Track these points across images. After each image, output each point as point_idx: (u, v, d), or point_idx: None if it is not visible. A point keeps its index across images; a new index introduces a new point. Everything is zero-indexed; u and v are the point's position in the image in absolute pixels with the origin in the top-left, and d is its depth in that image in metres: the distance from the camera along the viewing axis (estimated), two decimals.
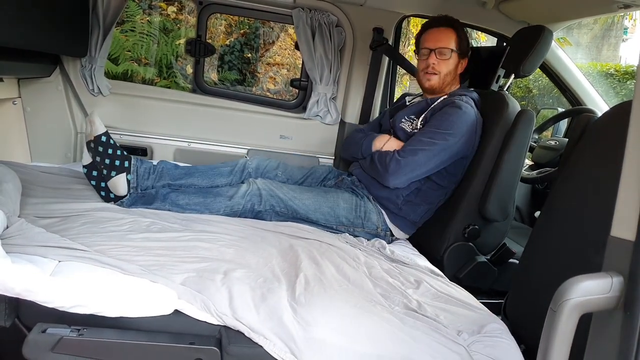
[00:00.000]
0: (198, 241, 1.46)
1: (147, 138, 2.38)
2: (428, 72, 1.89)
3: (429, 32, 1.90)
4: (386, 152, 1.79)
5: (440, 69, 1.87)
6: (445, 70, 1.87)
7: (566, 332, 0.64)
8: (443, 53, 1.86)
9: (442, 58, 1.87)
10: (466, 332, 1.23)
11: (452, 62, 1.88)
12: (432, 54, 1.87)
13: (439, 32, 1.87)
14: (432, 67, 1.87)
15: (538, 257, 1.43)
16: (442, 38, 1.87)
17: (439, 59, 1.87)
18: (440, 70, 1.87)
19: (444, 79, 1.89)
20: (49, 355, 1.02)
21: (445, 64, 1.87)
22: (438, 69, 1.87)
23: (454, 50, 1.86)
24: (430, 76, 1.89)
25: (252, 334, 1.08)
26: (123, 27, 4.96)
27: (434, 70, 1.88)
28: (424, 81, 1.92)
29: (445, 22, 1.88)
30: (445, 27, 1.88)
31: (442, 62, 1.87)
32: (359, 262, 1.52)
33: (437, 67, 1.87)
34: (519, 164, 1.84)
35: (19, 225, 1.31)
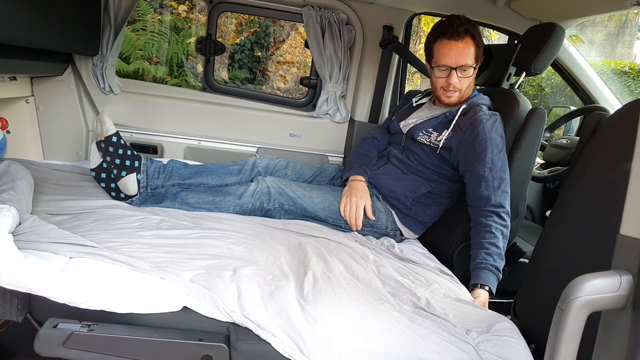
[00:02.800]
0: (207, 238, 1.47)
1: (158, 136, 2.40)
2: (449, 90, 1.79)
3: (446, 45, 1.74)
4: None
5: (462, 86, 1.79)
6: (466, 84, 1.80)
7: (574, 330, 0.63)
8: (464, 70, 1.76)
9: (464, 75, 1.77)
10: (475, 331, 1.23)
11: (472, 75, 1.80)
12: (453, 72, 1.75)
13: (457, 45, 1.73)
14: (453, 86, 1.78)
15: (548, 256, 1.41)
16: (462, 54, 1.74)
17: (460, 77, 1.76)
18: (462, 87, 1.79)
19: (464, 93, 1.81)
20: (60, 350, 1.03)
21: (466, 80, 1.79)
22: (459, 87, 1.78)
23: (475, 65, 1.78)
24: (451, 94, 1.80)
25: (260, 331, 1.09)
26: (134, 26, 5.00)
27: (455, 89, 1.79)
28: (444, 98, 1.83)
29: (463, 32, 1.73)
30: (463, 38, 1.73)
31: (464, 80, 1.78)
32: (368, 260, 1.52)
33: (459, 85, 1.78)
34: (529, 163, 1.82)
35: (32, 222, 1.32)
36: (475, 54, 1.76)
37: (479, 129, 1.69)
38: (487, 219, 1.65)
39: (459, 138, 1.74)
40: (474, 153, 1.70)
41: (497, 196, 1.66)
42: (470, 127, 1.72)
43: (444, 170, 1.80)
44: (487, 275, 1.57)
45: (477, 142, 1.69)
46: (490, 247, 1.61)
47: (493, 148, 1.68)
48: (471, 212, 1.72)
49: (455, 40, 1.73)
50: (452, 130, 1.77)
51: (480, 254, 1.60)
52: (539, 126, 1.77)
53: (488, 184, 1.67)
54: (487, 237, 1.63)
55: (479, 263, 1.59)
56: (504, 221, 1.65)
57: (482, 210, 1.68)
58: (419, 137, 1.84)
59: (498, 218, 1.65)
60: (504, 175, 1.68)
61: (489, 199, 1.66)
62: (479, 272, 1.58)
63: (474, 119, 1.72)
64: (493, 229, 1.63)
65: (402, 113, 2.02)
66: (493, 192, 1.66)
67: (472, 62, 1.76)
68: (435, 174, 1.81)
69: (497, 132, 1.71)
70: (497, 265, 1.58)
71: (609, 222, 0.65)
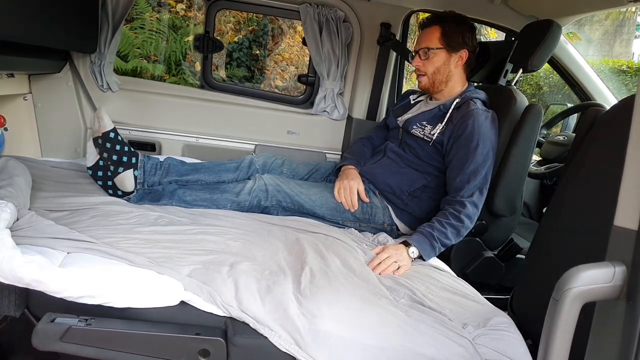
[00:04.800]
0: (205, 234, 1.47)
1: (156, 133, 2.39)
2: (418, 73, 1.90)
3: (419, 34, 1.91)
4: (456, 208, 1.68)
5: (426, 69, 1.85)
6: (432, 69, 1.85)
7: (568, 321, 0.64)
8: (425, 53, 1.84)
9: (425, 58, 1.85)
10: (471, 325, 1.23)
11: (439, 60, 1.84)
12: (417, 56, 1.87)
13: (424, 33, 1.87)
14: (418, 69, 1.88)
15: (544, 252, 1.42)
16: (425, 38, 1.85)
17: (422, 59, 1.85)
18: (427, 71, 1.86)
19: (433, 77, 1.86)
20: (58, 345, 1.03)
21: (430, 63, 1.84)
22: (424, 69, 1.86)
23: (440, 48, 1.83)
24: (420, 78, 1.89)
25: (257, 325, 1.09)
26: (132, 24, 4.99)
27: (420, 71, 1.88)
28: (418, 83, 1.93)
29: (430, 20, 1.86)
30: (429, 26, 1.85)
31: (427, 62, 1.85)
32: (365, 255, 1.53)
33: (423, 68, 1.86)
34: (526, 159, 1.83)
35: (29, 217, 1.33)
36: (441, 39, 1.82)
37: (469, 122, 1.71)
38: (449, 205, 1.70)
39: (450, 130, 1.76)
40: (459, 145, 1.73)
41: (468, 189, 1.69)
42: (461, 119, 1.74)
43: (438, 163, 1.81)
44: (417, 235, 1.63)
45: (464, 135, 1.71)
46: (434, 222, 1.66)
47: (479, 142, 1.69)
48: (442, 200, 1.76)
49: (422, 29, 1.88)
50: (445, 124, 1.78)
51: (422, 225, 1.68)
52: (536, 122, 1.78)
53: (464, 177, 1.70)
54: (438, 215, 1.70)
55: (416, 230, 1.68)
56: (465, 209, 1.66)
57: (449, 198, 1.72)
58: (413, 130, 1.86)
59: (459, 206, 1.67)
60: (482, 171, 1.70)
61: (459, 189, 1.70)
62: (412, 234, 1.66)
63: (466, 113, 1.74)
64: (447, 213, 1.67)
65: (400, 110, 2.03)
66: (466, 184, 1.69)
67: (436, 45, 1.82)
68: (430, 166, 1.83)
69: (486, 128, 1.72)
70: (430, 231, 1.63)
71: (605, 217, 0.66)
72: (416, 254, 1.58)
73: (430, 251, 1.62)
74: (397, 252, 1.53)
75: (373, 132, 2.15)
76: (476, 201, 1.69)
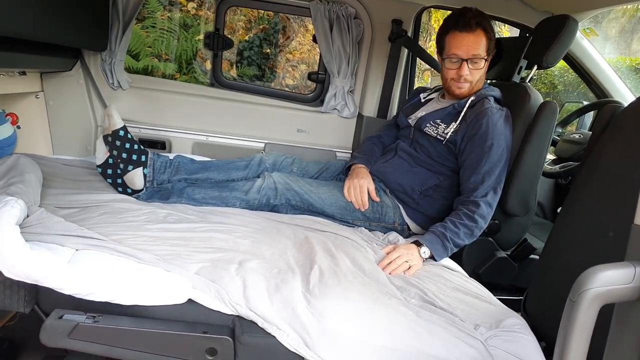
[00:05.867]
0: (214, 232, 1.46)
1: (166, 132, 2.40)
2: (459, 81, 1.77)
3: (457, 36, 1.73)
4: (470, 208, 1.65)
5: (473, 77, 1.76)
6: (478, 77, 1.77)
7: (585, 323, 0.61)
8: (475, 62, 1.73)
9: (475, 67, 1.74)
10: (483, 326, 1.21)
11: (484, 68, 1.78)
12: (464, 64, 1.73)
13: (468, 37, 1.71)
14: (464, 78, 1.75)
15: (559, 252, 1.39)
16: (473, 45, 1.71)
17: (471, 68, 1.74)
18: (473, 79, 1.77)
19: (475, 85, 1.79)
20: (66, 341, 1.03)
21: (477, 72, 1.76)
22: (470, 78, 1.76)
23: (486, 57, 1.75)
24: (461, 85, 1.78)
25: (265, 324, 1.08)
26: (144, 23, 5.02)
27: (466, 81, 1.76)
28: (454, 89, 1.81)
29: (474, 25, 1.71)
30: (475, 30, 1.71)
31: (475, 71, 1.75)
32: (376, 254, 1.51)
33: (470, 77, 1.75)
34: (540, 157, 1.79)
35: (39, 214, 1.33)
36: (486, 46, 1.74)
37: (483, 121, 1.68)
38: (462, 205, 1.67)
39: (464, 129, 1.73)
40: (473, 145, 1.69)
41: (482, 189, 1.66)
42: (475, 118, 1.70)
43: (451, 163, 1.78)
44: (429, 235, 1.61)
45: (478, 134, 1.68)
46: (447, 222, 1.64)
47: (493, 142, 1.66)
48: (455, 200, 1.73)
49: (467, 32, 1.72)
50: (459, 123, 1.75)
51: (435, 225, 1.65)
52: (551, 120, 1.74)
53: (478, 177, 1.67)
54: (451, 216, 1.67)
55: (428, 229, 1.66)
56: (479, 209, 1.64)
57: (462, 198, 1.69)
58: (426, 129, 1.82)
59: (473, 206, 1.65)
60: (496, 170, 1.67)
61: (473, 189, 1.67)
62: (424, 234, 1.63)
63: (480, 111, 1.70)
64: (461, 213, 1.65)
65: (410, 108, 2.00)
66: (480, 184, 1.66)
67: (484, 54, 1.74)
68: (442, 166, 1.79)
69: (501, 127, 1.69)
70: (443, 231, 1.61)
71: (622, 217, 0.63)
72: (428, 254, 1.56)
73: (442, 251, 1.59)
74: (408, 251, 1.51)
75: (383, 131, 2.12)
76: (490, 201, 1.66)
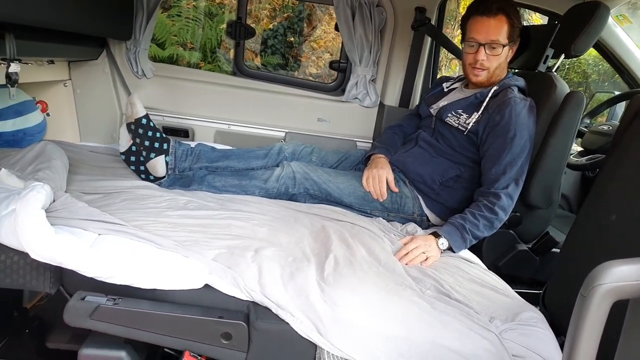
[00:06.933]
0: (232, 219, 1.48)
1: (189, 120, 2.43)
2: (476, 67, 1.73)
3: (477, 21, 1.70)
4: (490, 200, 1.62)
5: (490, 64, 1.72)
6: (496, 64, 1.72)
7: (596, 319, 0.60)
8: (494, 47, 1.69)
9: (493, 53, 1.70)
10: (499, 319, 1.20)
11: (503, 55, 1.72)
12: (482, 48, 1.69)
13: (488, 21, 1.67)
14: (480, 63, 1.71)
15: (580, 245, 1.36)
16: (493, 30, 1.67)
17: (488, 54, 1.70)
18: (490, 66, 1.72)
19: (493, 72, 1.74)
20: (87, 322, 1.07)
21: (495, 59, 1.71)
22: (488, 64, 1.71)
23: (506, 44, 1.70)
24: (478, 72, 1.74)
25: (279, 310, 1.10)
26: (170, 12, 5.07)
27: (482, 67, 1.72)
28: (471, 76, 1.78)
29: (496, 9, 1.67)
30: (496, 15, 1.67)
31: (493, 58, 1.70)
32: (393, 245, 1.51)
33: (487, 63, 1.71)
34: (565, 150, 1.75)
35: (64, 199, 1.37)
36: (508, 32, 1.69)
37: (506, 111, 1.64)
38: (483, 196, 1.65)
39: (486, 119, 1.70)
40: (495, 135, 1.66)
41: (503, 180, 1.63)
42: (497, 108, 1.67)
43: (472, 154, 1.76)
44: (448, 226, 1.59)
45: (500, 124, 1.65)
46: (467, 213, 1.62)
47: (516, 132, 1.63)
48: (475, 192, 1.70)
49: (487, 16, 1.68)
50: (481, 113, 1.72)
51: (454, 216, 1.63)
52: (577, 111, 1.69)
53: (500, 168, 1.64)
54: (471, 207, 1.65)
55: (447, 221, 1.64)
56: (500, 201, 1.61)
57: (483, 189, 1.67)
58: (448, 119, 1.79)
59: (493, 197, 1.62)
60: (519, 162, 1.64)
61: (494, 181, 1.64)
62: (443, 225, 1.62)
63: (503, 101, 1.67)
64: (481, 204, 1.62)
65: (432, 98, 1.97)
66: (502, 176, 1.63)
67: (504, 41, 1.70)
68: (463, 157, 1.77)
69: (524, 117, 1.65)
70: (462, 223, 1.59)
71: None
72: (446, 246, 1.55)
73: (461, 243, 1.57)
74: (426, 242, 1.50)
75: (404, 120, 2.10)
76: (511, 193, 1.63)
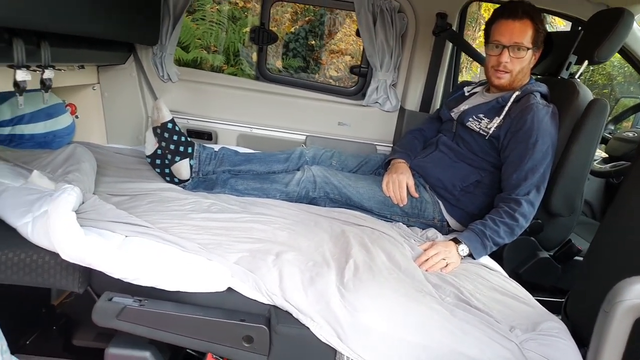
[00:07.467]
0: (254, 223, 1.51)
1: (212, 123, 2.47)
2: (499, 69, 1.73)
3: (502, 24, 1.70)
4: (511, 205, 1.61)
5: (514, 67, 1.72)
6: (519, 67, 1.72)
7: (619, 335, 0.61)
8: (517, 50, 1.69)
9: (517, 56, 1.69)
10: (519, 328, 1.19)
11: (527, 59, 1.72)
12: (505, 50, 1.69)
13: (513, 24, 1.68)
14: (504, 66, 1.71)
15: (604, 254, 1.34)
16: (517, 33, 1.67)
17: (512, 56, 1.69)
18: (513, 69, 1.72)
19: (516, 76, 1.74)
20: (114, 322, 1.11)
21: (519, 62, 1.71)
22: (511, 67, 1.71)
23: (530, 48, 1.70)
24: (501, 74, 1.74)
25: (299, 315, 1.12)
26: (194, 15, 5.15)
27: (505, 69, 1.72)
28: (494, 79, 1.77)
29: (522, 13, 1.67)
30: (521, 19, 1.67)
31: (516, 61, 1.70)
32: (413, 251, 1.51)
33: (510, 66, 1.71)
34: (588, 157, 1.73)
35: (93, 201, 1.42)
36: (532, 37, 1.69)
37: (528, 116, 1.63)
38: (504, 202, 1.64)
39: (508, 125, 1.69)
40: (517, 140, 1.65)
41: (525, 187, 1.62)
42: (519, 114, 1.66)
43: (493, 159, 1.75)
44: (468, 232, 1.59)
45: (522, 130, 1.64)
46: (487, 220, 1.61)
47: (538, 138, 1.61)
48: (496, 198, 1.69)
49: (512, 19, 1.69)
50: (503, 118, 1.71)
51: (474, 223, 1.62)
52: (600, 118, 1.67)
53: (521, 174, 1.62)
54: (491, 213, 1.64)
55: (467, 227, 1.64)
56: (521, 207, 1.59)
57: (504, 195, 1.66)
58: (469, 123, 1.79)
59: (514, 204, 1.60)
60: (540, 168, 1.62)
61: (515, 187, 1.63)
62: (463, 232, 1.62)
63: (525, 107, 1.66)
64: (502, 211, 1.61)
65: (453, 102, 1.97)
66: (523, 182, 1.62)
67: (528, 44, 1.69)
68: (484, 162, 1.76)
69: (546, 124, 1.64)
70: (482, 229, 1.58)
71: None
72: (466, 252, 1.55)
73: (482, 250, 1.57)
74: (446, 249, 1.50)
75: (425, 124, 2.10)
76: (532, 199, 1.62)
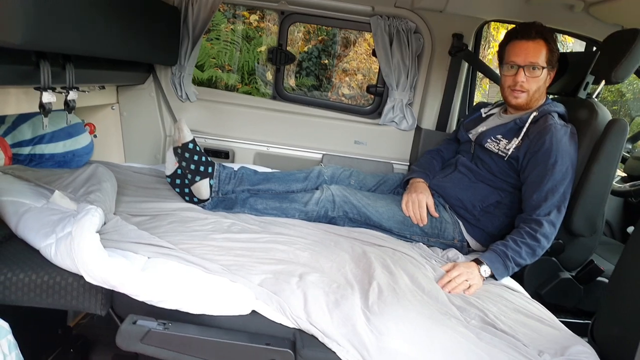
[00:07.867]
0: (275, 243, 1.51)
1: (230, 142, 2.49)
2: (516, 89, 1.74)
3: (517, 44, 1.73)
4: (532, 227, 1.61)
5: (530, 86, 1.73)
6: (535, 87, 1.73)
7: None
8: (533, 70, 1.71)
9: (532, 75, 1.71)
10: (548, 352, 1.18)
11: (542, 78, 1.73)
12: (521, 70, 1.71)
13: (527, 44, 1.71)
14: (520, 85, 1.73)
15: (631, 276, 1.32)
16: (532, 53, 1.70)
17: (528, 76, 1.71)
18: (530, 88, 1.73)
19: (533, 95, 1.75)
20: (138, 346, 1.10)
21: (535, 82, 1.73)
22: (527, 87, 1.72)
23: (545, 67, 1.72)
24: (518, 94, 1.74)
25: (325, 339, 1.11)
26: (209, 35, 5.23)
27: (522, 88, 1.73)
28: (510, 98, 1.79)
29: (535, 33, 1.71)
30: (535, 39, 1.70)
31: (532, 80, 1.72)
32: (435, 272, 1.50)
33: (527, 85, 1.72)
34: (609, 177, 1.71)
35: (115, 222, 1.43)
36: (546, 56, 1.71)
37: (546, 137, 1.63)
38: (525, 223, 1.63)
39: (527, 146, 1.69)
40: (536, 162, 1.65)
41: (545, 207, 1.61)
42: (538, 135, 1.66)
43: (513, 179, 1.74)
44: (490, 253, 1.58)
45: (541, 151, 1.64)
46: (508, 240, 1.61)
47: (557, 159, 1.62)
48: (517, 218, 1.69)
49: (527, 39, 1.71)
50: (521, 139, 1.71)
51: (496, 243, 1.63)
52: (620, 138, 1.66)
53: (541, 195, 1.62)
54: (512, 234, 1.64)
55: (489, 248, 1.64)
56: (542, 228, 1.59)
57: (524, 216, 1.65)
58: (487, 144, 1.79)
59: (535, 224, 1.60)
60: (560, 189, 1.62)
61: (536, 207, 1.62)
62: (485, 252, 1.61)
63: (544, 128, 1.66)
64: (523, 231, 1.61)
65: (471, 123, 1.97)
66: (543, 202, 1.62)
67: (543, 63, 1.71)
68: (504, 182, 1.76)
69: (565, 144, 1.64)
70: (504, 250, 1.58)
71: None
72: (488, 273, 1.53)
73: (503, 270, 1.56)
74: (469, 270, 1.49)
75: (443, 145, 2.10)
76: (554, 220, 1.61)
